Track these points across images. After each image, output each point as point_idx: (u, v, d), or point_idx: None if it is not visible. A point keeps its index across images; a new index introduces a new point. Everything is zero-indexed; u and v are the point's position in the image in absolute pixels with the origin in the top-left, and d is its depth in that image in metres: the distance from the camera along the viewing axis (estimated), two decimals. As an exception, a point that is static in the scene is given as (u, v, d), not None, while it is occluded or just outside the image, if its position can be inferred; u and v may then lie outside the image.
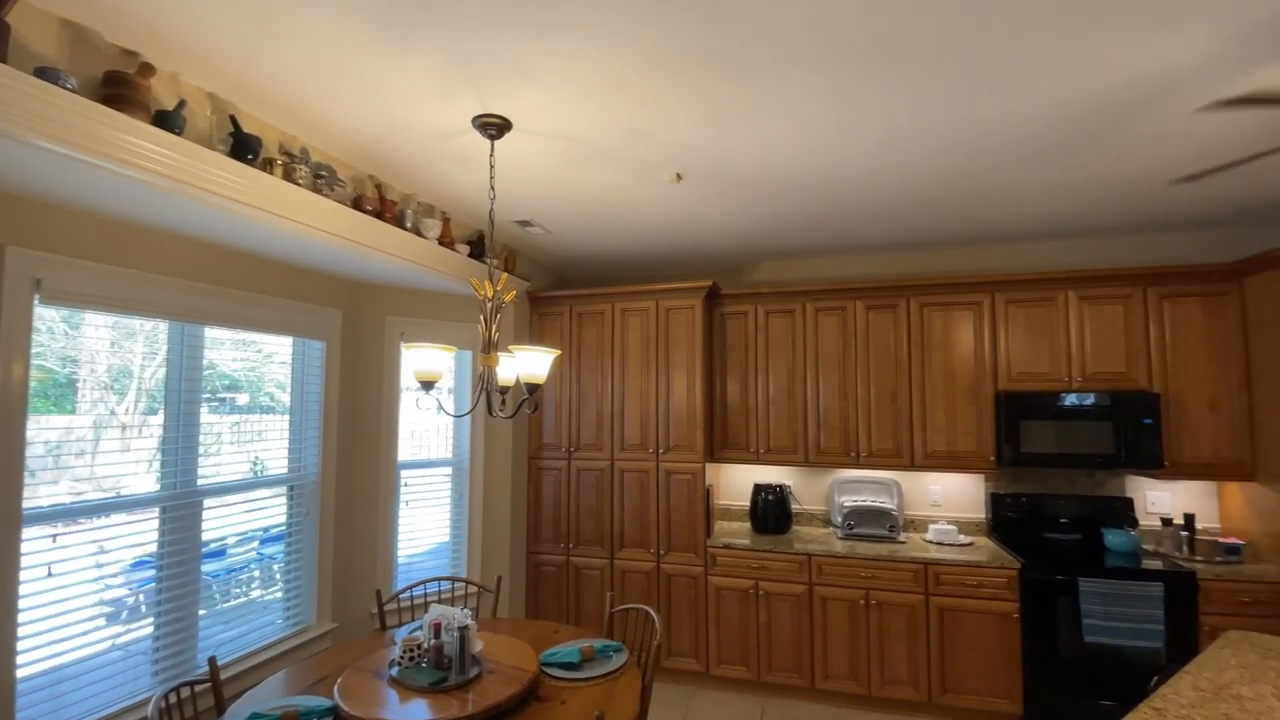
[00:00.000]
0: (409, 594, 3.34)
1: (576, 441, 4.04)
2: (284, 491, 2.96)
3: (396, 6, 1.61)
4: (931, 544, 3.57)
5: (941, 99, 2.05)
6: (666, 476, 3.82)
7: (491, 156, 2.34)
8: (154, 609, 2.37)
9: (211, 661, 2.03)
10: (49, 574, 2.04)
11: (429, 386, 2.11)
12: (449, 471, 3.72)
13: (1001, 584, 3.23)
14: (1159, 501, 3.58)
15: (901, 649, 3.35)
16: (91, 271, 2.11)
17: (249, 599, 2.82)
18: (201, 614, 2.54)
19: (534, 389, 2.11)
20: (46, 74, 1.56)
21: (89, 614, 2.16)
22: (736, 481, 4.32)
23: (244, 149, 2.06)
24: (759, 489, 3.97)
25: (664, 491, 3.82)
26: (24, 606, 1.95)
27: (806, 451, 3.86)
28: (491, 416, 2.31)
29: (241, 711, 1.86)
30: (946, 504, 3.90)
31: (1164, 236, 3.68)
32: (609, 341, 4.02)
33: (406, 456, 3.52)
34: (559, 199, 3.07)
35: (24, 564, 1.95)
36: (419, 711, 1.81)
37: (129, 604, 2.32)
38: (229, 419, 2.74)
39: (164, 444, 2.43)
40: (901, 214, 3.28)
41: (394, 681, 1.97)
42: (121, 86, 1.72)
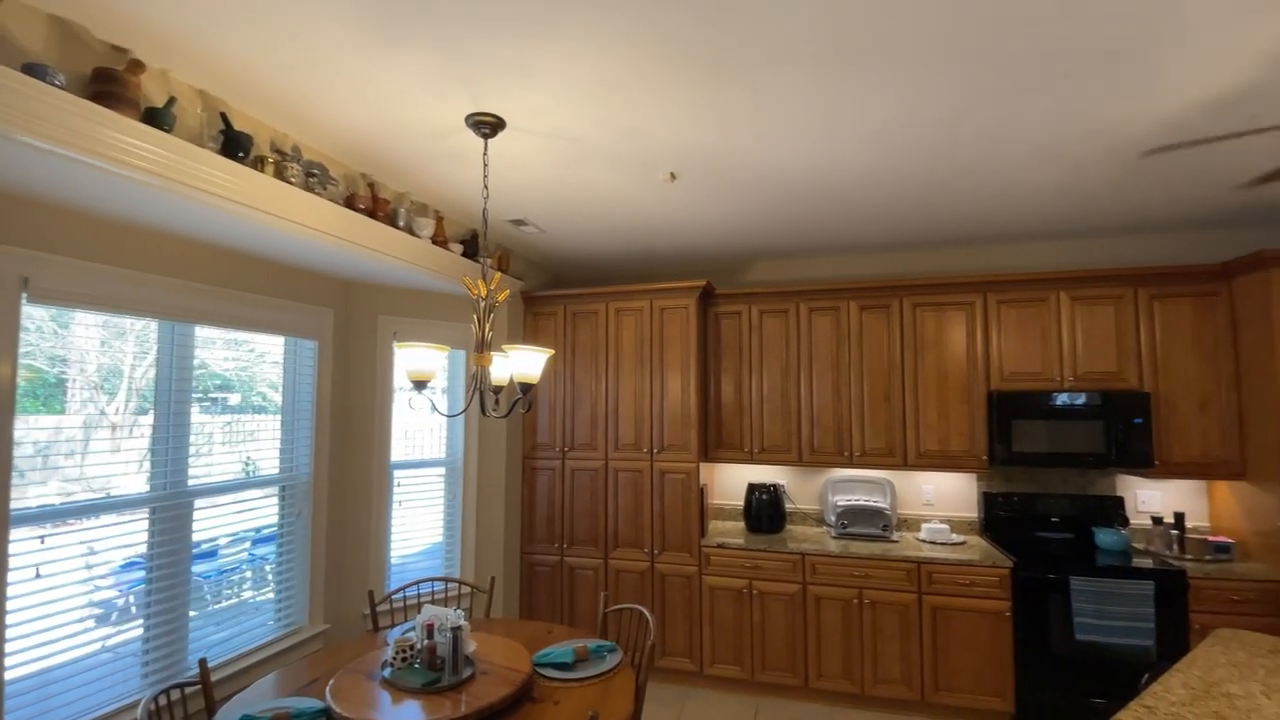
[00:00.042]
0: (402, 595, 3.33)
1: (571, 441, 4.03)
2: (276, 492, 2.94)
3: (389, 3, 1.60)
4: (924, 543, 3.59)
5: (935, 99, 2.06)
6: (661, 476, 3.82)
7: (485, 155, 2.33)
8: (144, 610, 2.35)
9: (202, 663, 2.02)
10: (37, 575, 2.02)
11: (422, 386, 2.10)
12: (442, 472, 3.71)
13: (994, 583, 3.24)
14: (1149, 500, 3.60)
15: (895, 648, 3.37)
16: (80, 270, 2.09)
17: (240, 600, 2.80)
18: (192, 615, 2.52)
19: (527, 389, 2.11)
20: (34, 70, 1.54)
21: (78, 615, 2.13)
22: (730, 481, 4.32)
23: (235, 147, 2.05)
24: (753, 488, 3.98)
25: (658, 491, 3.82)
26: (12, 608, 1.93)
27: (800, 451, 3.86)
28: (485, 416, 2.30)
29: (232, 714, 1.85)
30: (939, 503, 3.92)
31: (1155, 237, 3.70)
32: (603, 341, 4.01)
33: (399, 456, 3.51)
34: (553, 198, 3.06)
35: (12, 565, 1.92)
36: (412, 713, 1.80)
37: (118, 605, 2.30)
38: (221, 419, 2.73)
39: (154, 444, 2.41)
40: (895, 214, 3.28)
41: (386, 683, 1.96)
42: (111, 83, 1.70)
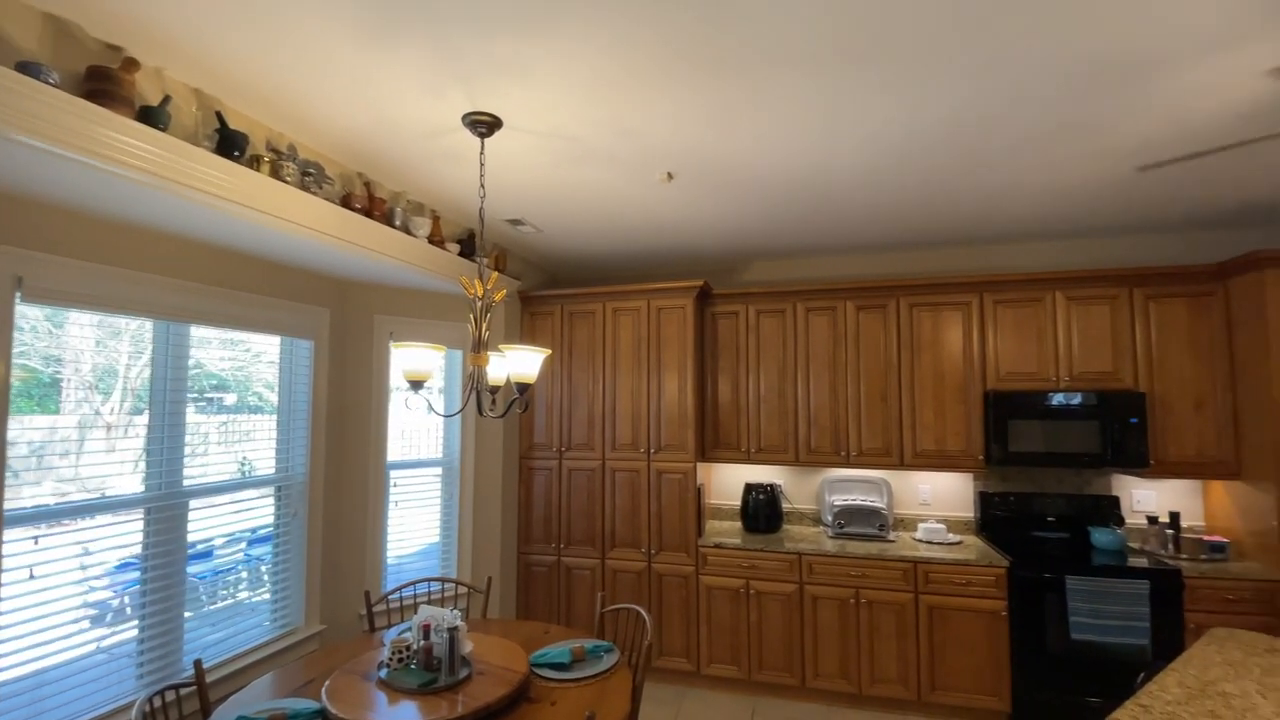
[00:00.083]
0: (398, 595, 3.32)
1: (568, 441, 4.03)
2: (271, 492, 2.93)
3: (386, 1, 1.59)
4: (921, 543, 3.59)
5: (931, 100, 2.06)
6: (658, 476, 3.82)
7: (482, 154, 2.33)
8: (139, 611, 2.34)
9: (197, 664, 2.01)
10: (31, 576, 2.01)
11: (418, 386, 2.09)
12: (439, 472, 3.70)
13: (990, 582, 3.25)
14: (1145, 500, 3.61)
15: (891, 647, 3.37)
16: (74, 269, 2.08)
17: (236, 601, 2.79)
18: (188, 616, 2.51)
19: (524, 389, 2.10)
20: (28, 68, 1.53)
21: (72, 616, 2.13)
22: (727, 481, 4.33)
23: (230, 146, 2.04)
24: (750, 488, 3.98)
25: (655, 491, 3.82)
26: (5, 610, 1.93)
27: (797, 451, 3.87)
28: (482, 416, 2.29)
29: (228, 715, 1.84)
30: (936, 503, 3.93)
31: (1151, 237, 3.71)
32: (600, 341, 4.01)
33: (396, 456, 3.50)
34: (550, 198, 3.05)
35: (5, 566, 1.92)
36: (408, 713, 1.80)
37: (113, 606, 2.29)
38: (216, 419, 2.72)
39: (149, 444, 2.40)
40: (893, 214, 3.29)
41: (383, 683, 1.96)
42: (105, 82, 1.70)
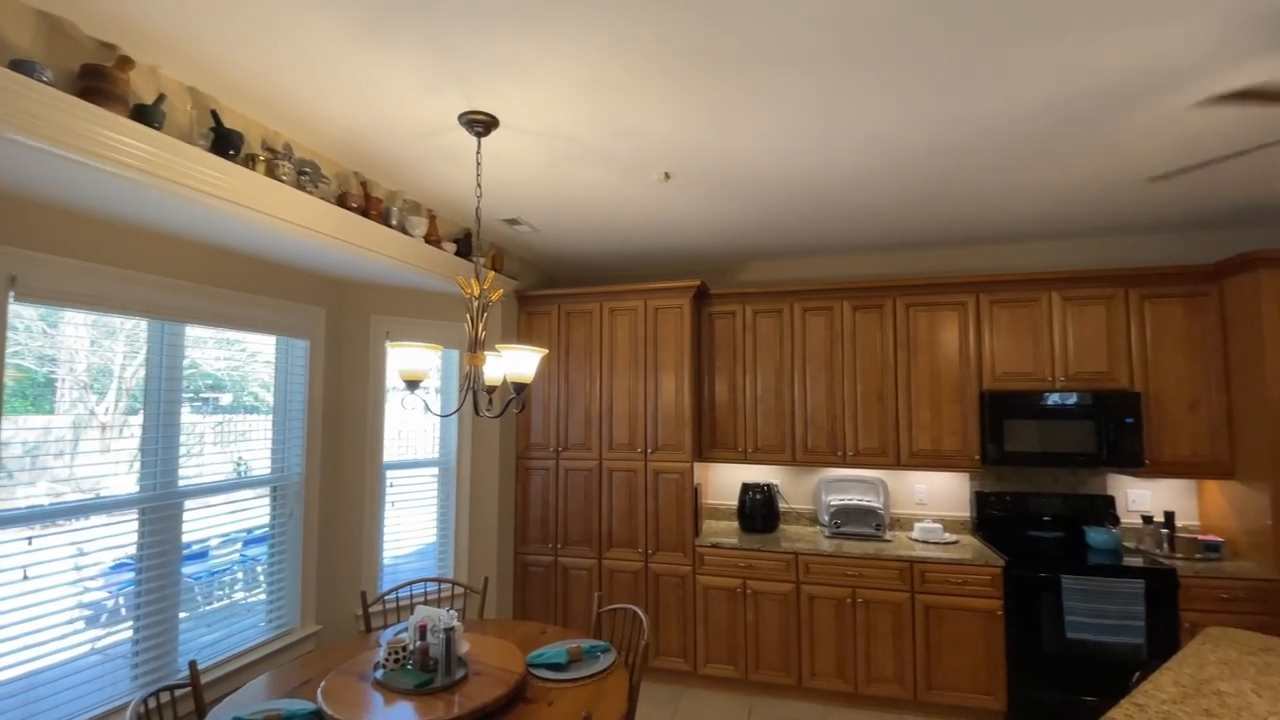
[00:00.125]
0: (394, 596, 3.31)
1: (564, 441, 4.02)
2: (267, 492, 2.92)
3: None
4: (917, 542, 3.60)
5: (928, 100, 2.06)
6: (655, 476, 3.82)
7: (478, 154, 2.32)
8: (133, 612, 2.33)
9: (192, 665, 2.00)
10: (25, 577, 2.00)
11: (414, 386, 2.09)
12: (435, 472, 3.69)
13: (986, 581, 3.26)
14: (1140, 499, 3.62)
15: (888, 647, 3.37)
16: (69, 269, 2.07)
17: (231, 601, 2.78)
18: (183, 617, 2.50)
19: (521, 388, 2.10)
20: (21, 66, 1.52)
21: (67, 617, 2.12)
22: (724, 481, 4.33)
23: (225, 144, 2.03)
24: (747, 488, 3.98)
25: (652, 491, 3.82)
26: (-2, 610, 1.92)
27: (794, 451, 3.87)
28: (478, 416, 2.29)
29: (223, 716, 1.83)
30: (932, 502, 3.93)
31: (1146, 238, 3.73)
32: (597, 341, 4.01)
33: (392, 457, 3.49)
34: (547, 197, 3.05)
35: (-1, 567, 1.91)
36: (404, 714, 1.79)
37: (108, 607, 2.28)
38: (212, 419, 2.70)
39: (144, 444, 2.39)
40: (890, 214, 3.29)
41: (379, 684, 1.95)
42: (99, 80, 1.69)
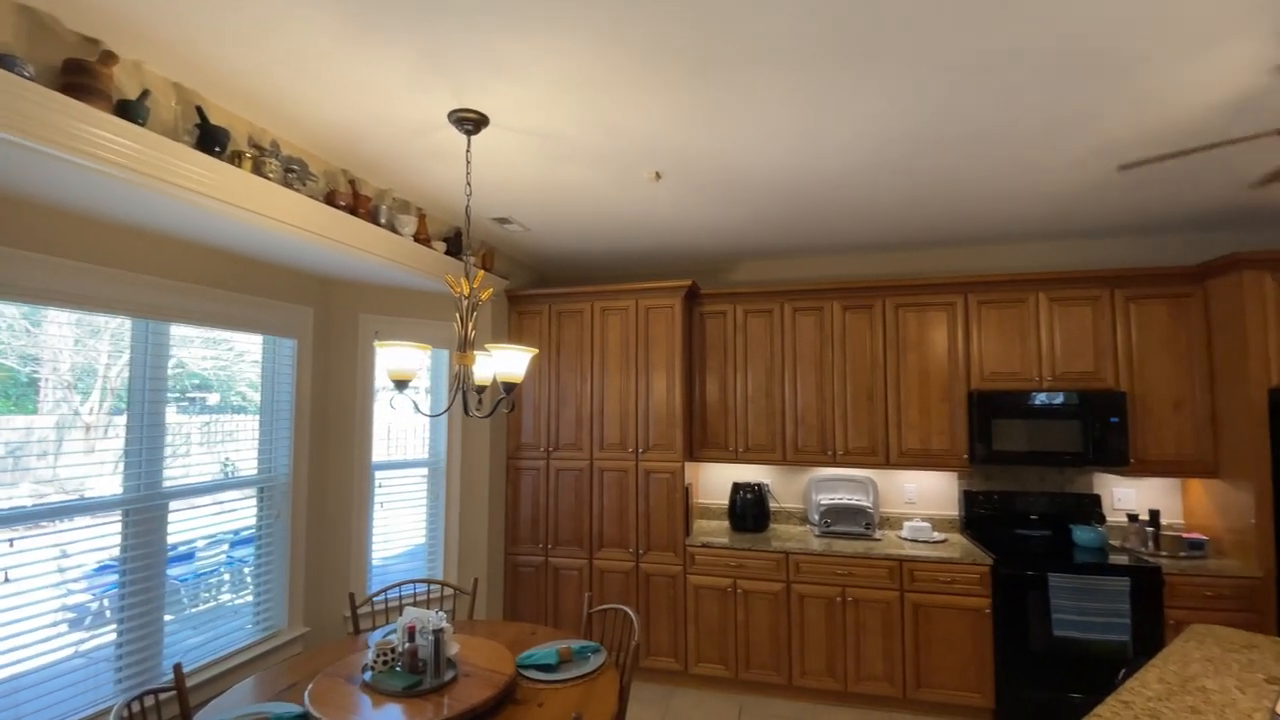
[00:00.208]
0: (383, 597, 3.29)
1: (555, 441, 4.01)
2: (254, 493, 2.89)
3: (370, -2, 1.58)
4: (906, 541, 3.62)
5: (919, 100, 2.07)
6: (646, 476, 3.82)
7: (468, 152, 2.31)
8: (117, 615, 2.30)
9: (177, 668, 1.98)
10: (5, 579, 1.97)
11: (403, 386, 2.07)
12: (425, 472, 3.67)
13: (974, 580, 3.28)
14: (1125, 498, 3.66)
15: (877, 645, 3.39)
16: (51, 267, 2.03)
17: (218, 603, 2.75)
18: (168, 619, 2.47)
19: (511, 388, 2.09)
20: (3, 61, 1.50)
21: (49, 620, 2.08)
22: (715, 480, 4.33)
23: (211, 141, 2.01)
24: (737, 488, 3.99)
25: (643, 491, 3.82)
26: (-22, 614, 1.89)
27: (784, 450, 3.88)
28: (468, 416, 2.28)
29: None
30: (921, 501, 3.96)
31: (1132, 239, 3.77)
32: (588, 340, 4.00)
33: (381, 457, 3.46)
34: (537, 196, 3.04)
35: (-22, 570, 1.88)
36: (393, 716, 1.78)
37: (92, 610, 2.25)
38: (199, 419, 2.67)
39: (128, 445, 2.36)
40: (879, 214, 3.31)
41: (367, 686, 1.94)
42: (82, 75, 1.66)
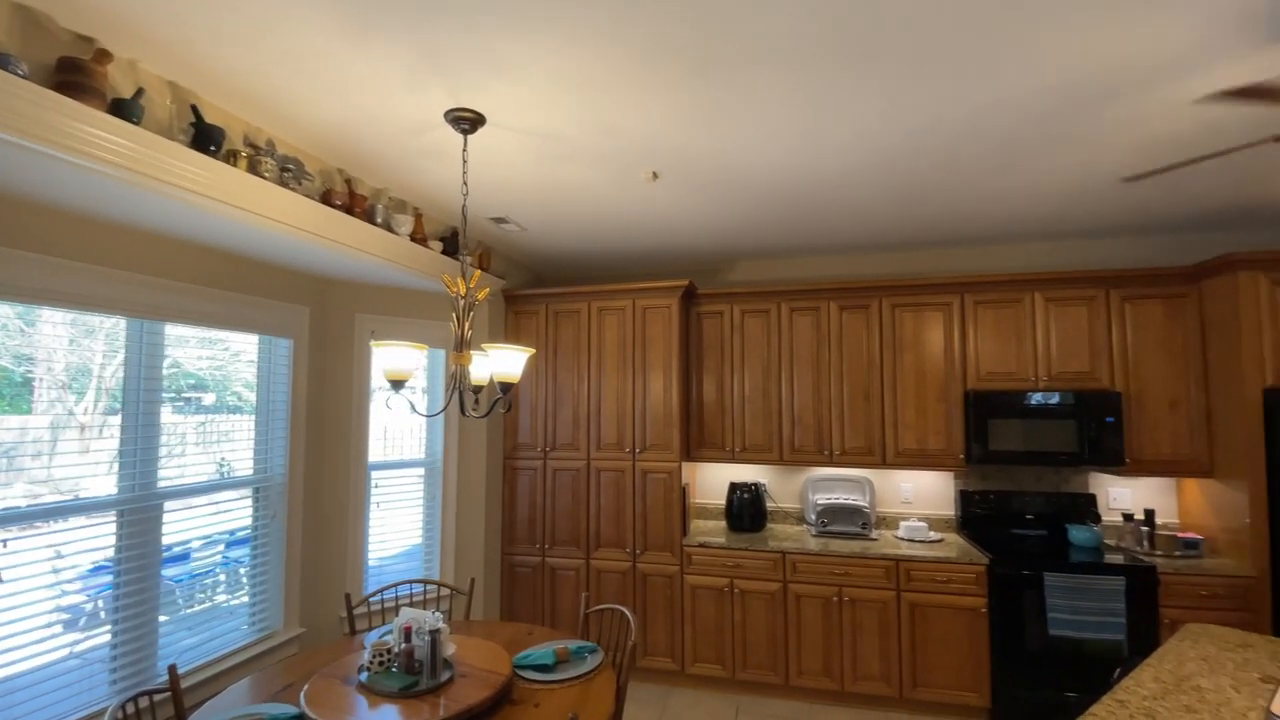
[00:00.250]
0: (379, 597, 3.28)
1: (552, 441, 4.01)
2: (250, 493, 2.88)
3: (366, -4, 1.57)
4: (903, 541, 3.62)
5: (912, 101, 2.08)
6: (643, 476, 3.82)
7: (464, 151, 2.30)
8: (112, 615, 2.29)
9: (172, 669, 1.97)
10: (0, 580, 1.96)
11: (399, 385, 2.07)
12: (421, 472, 3.66)
13: (970, 579, 3.28)
14: (1120, 498, 3.67)
15: (873, 644, 3.39)
16: (46, 266, 2.02)
17: (213, 604, 2.74)
18: (163, 620, 2.46)
19: (508, 388, 2.09)
20: (-5, 59, 1.49)
21: (43, 621, 2.07)
22: (712, 480, 4.33)
23: (206, 140, 2.00)
24: (734, 487, 3.99)
25: (640, 491, 3.81)
26: (-29, 615, 1.88)
27: (781, 450, 3.88)
28: (465, 416, 2.27)
29: (203, 720, 1.81)
30: (917, 501, 3.96)
31: (1128, 239, 3.78)
32: (585, 340, 3.99)
33: (377, 457, 3.46)
34: (534, 196, 3.03)
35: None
36: (388, 717, 1.78)
37: (86, 610, 2.24)
38: (194, 419, 2.66)
39: (123, 445, 2.34)
40: (876, 214, 3.31)
41: (363, 687, 1.93)
42: (76, 73, 1.65)
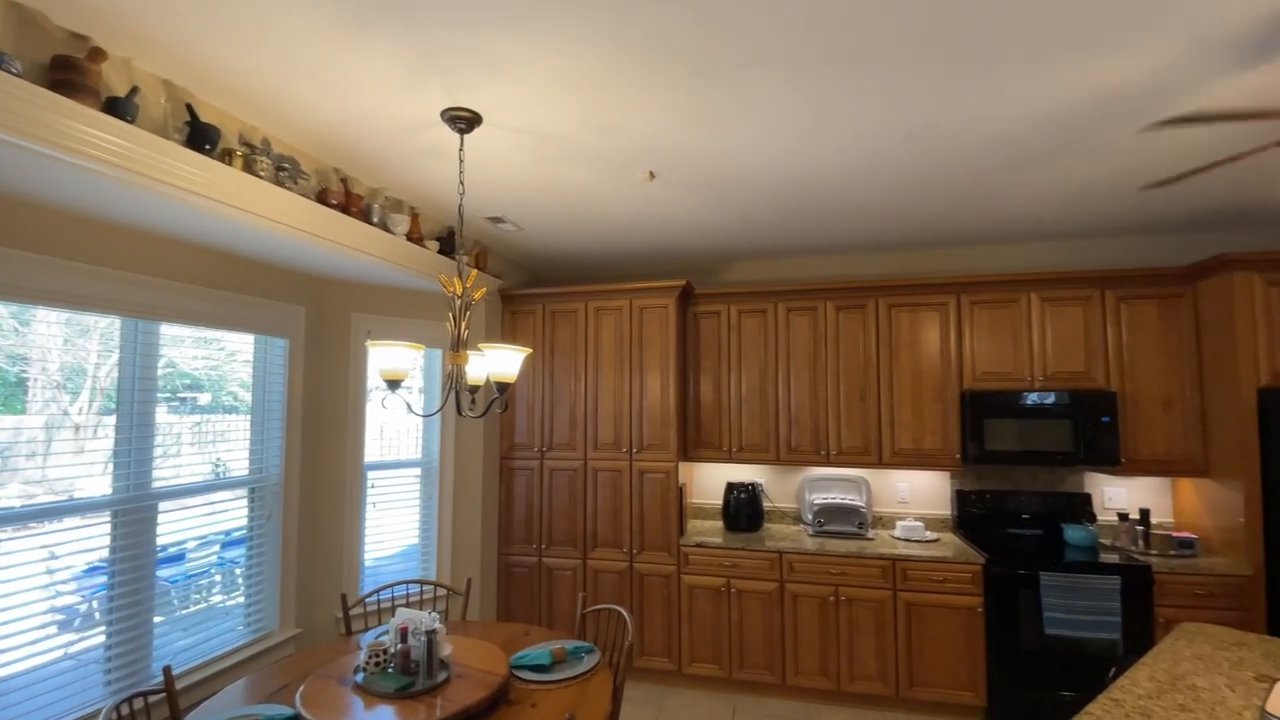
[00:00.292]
0: (375, 598, 3.28)
1: (549, 441, 4.00)
2: (245, 494, 2.87)
3: (362, -5, 1.57)
4: (899, 540, 3.63)
5: (910, 103, 2.08)
6: (640, 476, 3.82)
7: (461, 151, 2.30)
8: (107, 616, 2.28)
9: (166, 670, 1.96)
10: (-8, 581, 1.95)
11: (395, 385, 2.06)
12: (418, 473, 3.66)
13: (966, 579, 3.29)
14: (1116, 497, 3.68)
15: (870, 644, 3.40)
16: (40, 265, 2.01)
17: (209, 605, 2.73)
18: (158, 621, 2.45)
19: (504, 388, 2.08)
20: (-12, 57, 1.48)
21: (38, 622, 2.06)
22: (709, 480, 4.33)
23: (201, 139, 1.99)
24: (731, 487, 3.99)
25: (637, 491, 3.81)
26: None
27: (778, 450, 3.88)
28: (461, 416, 2.27)
29: (198, 722, 1.80)
30: (913, 501, 3.97)
31: (1123, 240, 3.79)
32: (582, 340, 3.99)
33: (374, 457, 3.45)
34: (531, 195, 3.03)
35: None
36: (385, 718, 1.77)
37: (80, 611, 2.23)
38: (190, 419, 2.65)
39: (117, 446, 2.33)
40: (873, 215, 3.31)
41: (359, 688, 1.92)
42: (70, 71, 1.64)
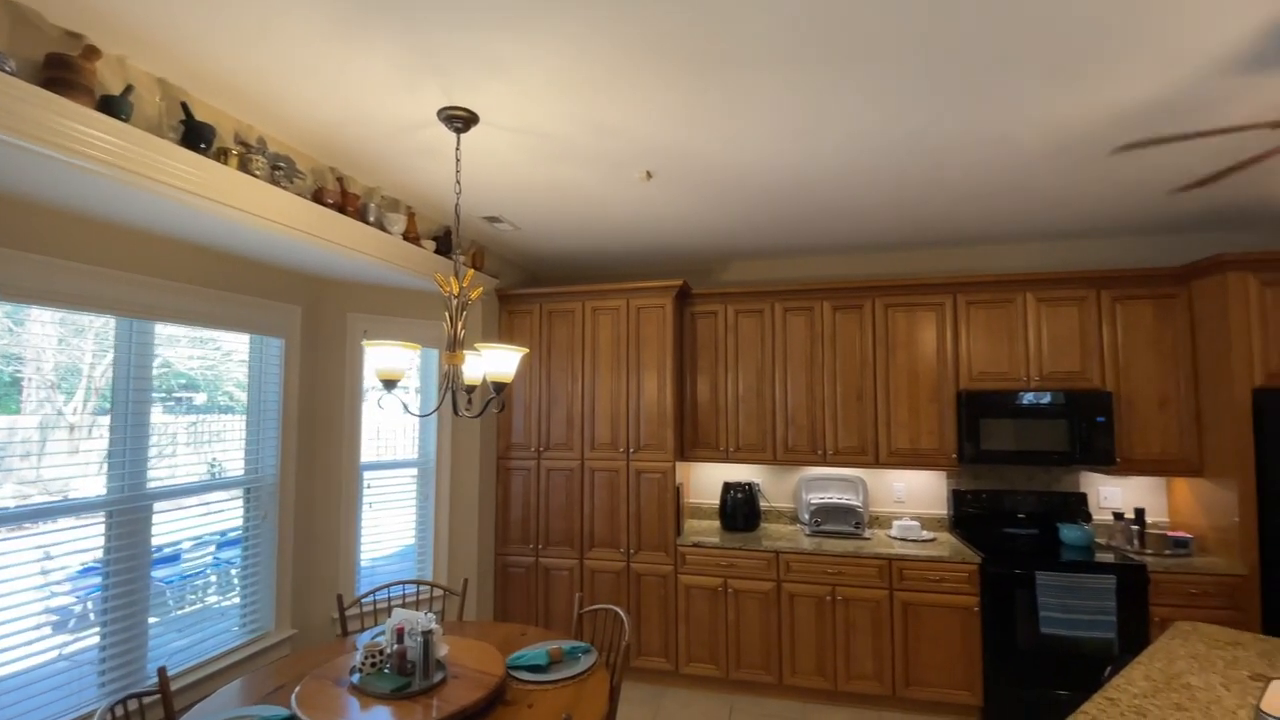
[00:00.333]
0: (372, 598, 3.27)
1: (546, 441, 4.00)
2: (241, 494, 2.86)
3: (358, -6, 1.56)
4: (895, 540, 3.64)
5: (910, 104, 2.08)
6: (637, 476, 3.81)
7: (457, 150, 2.30)
8: (101, 617, 2.26)
9: (161, 671, 1.95)
10: (-14, 582, 1.94)
11: (391, 385, 2.06)
12: (414, 473, 3.65)
13: (962, 578, 3.30)
14: (1111, 497, 3.70)
15: (866, 643, 3.40)
16: (34, 265, 2.00)
17: (204, 605, 2.72)
18: (153, 621, 2.44)
19: (501, 388, 2.08)
20: (-19, 55, 1.48)
21: (32, 623, 2.05)
22: (706, 480, 4.33)
23: (196, 138, 1.98)
24: (728, 487, 3.99)
25: (634, 491, 3.81)
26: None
27: (775, 450, 3.89)
28: (457, 416, 2.27)
29: (193, 723, 1.79)
30: (910, 500, 3.98)
31: (1119, 240, 3.80)
32: (579, 340, 3.99)
33: (370, 457, 3.44)
34: (528, 195, 3.03)
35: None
36: (381, 719, 1.77)
37: (75, 612, 2.22)
38: (185, 419, 2.64)
39: (112, 446, 2.32)
40: (870, 215, 3.31)
41: (355, 689, 1.92)
42: (64, 70, 1.64)
